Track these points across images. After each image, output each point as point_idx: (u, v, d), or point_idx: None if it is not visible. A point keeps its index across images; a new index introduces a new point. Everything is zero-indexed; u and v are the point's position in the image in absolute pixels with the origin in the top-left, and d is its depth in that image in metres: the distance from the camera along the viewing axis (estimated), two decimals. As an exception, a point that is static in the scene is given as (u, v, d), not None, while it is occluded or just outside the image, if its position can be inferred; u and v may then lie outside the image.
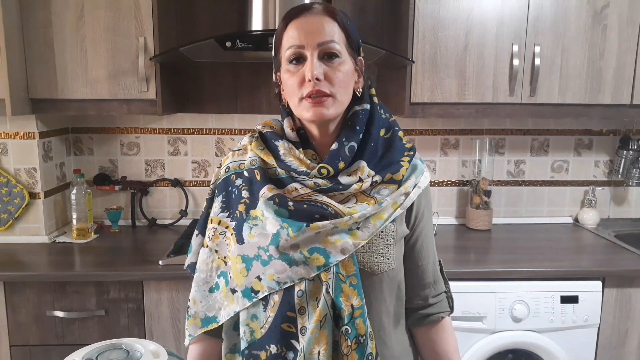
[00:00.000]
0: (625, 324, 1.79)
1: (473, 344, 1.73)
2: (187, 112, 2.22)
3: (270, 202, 0.92)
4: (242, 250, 0.94)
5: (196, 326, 1.01)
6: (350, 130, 0.95)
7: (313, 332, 0.88)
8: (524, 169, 2.36)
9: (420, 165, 1.01)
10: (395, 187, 0.96)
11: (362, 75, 0.99)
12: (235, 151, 1.05)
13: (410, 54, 1.86)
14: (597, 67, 1.91)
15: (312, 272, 0.90)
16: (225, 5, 2.12)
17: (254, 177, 0.98)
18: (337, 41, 0.92)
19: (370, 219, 0.93)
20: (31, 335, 1.70)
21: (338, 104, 0.93)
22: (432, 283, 1.05)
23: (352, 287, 0.90)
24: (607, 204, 2.42)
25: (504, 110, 1.94)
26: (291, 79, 0.93)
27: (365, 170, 0.94)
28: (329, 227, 0.90)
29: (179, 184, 2.27)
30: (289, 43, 0.92)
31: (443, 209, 2.34)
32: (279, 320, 0.91)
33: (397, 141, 1.00)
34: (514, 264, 1.79)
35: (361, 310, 0.90)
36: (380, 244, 0.95)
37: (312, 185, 0.93)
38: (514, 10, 1.86)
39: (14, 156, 1.96)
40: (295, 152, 0.96)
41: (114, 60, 1.82)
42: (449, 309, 1.06)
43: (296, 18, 0.93)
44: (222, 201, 1.01)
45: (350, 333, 0.89)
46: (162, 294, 1.71)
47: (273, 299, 0.92)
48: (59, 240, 2.01)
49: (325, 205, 0.92)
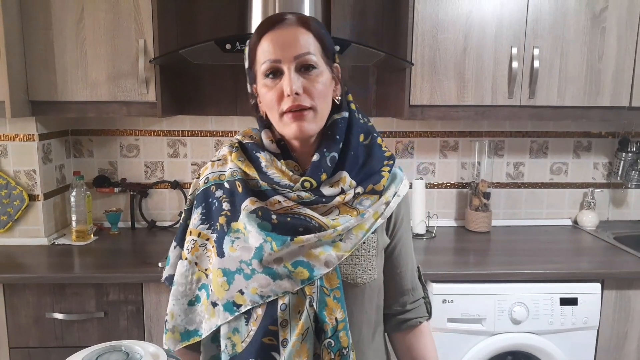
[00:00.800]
0: (624, 326, 1.79)
1: (472, 346, 1.73)
2: (186, 114, 2.22)
3: (253, 215, 0.91)
4: (223, 263, 0.92)
5: (175, 340, 0.99)
6: (331, 140, 0.94)
7: (295, 345, 0.87)
8: (523, 171, 2.37)
9: (400, 174, 1.01)
10: (376, 198, 0.95)
11: (340, 82, 0.97)
12: (214, 161, 1.03)
13: (409, 56, 1.87)
14: (596, 69, 1.92)
15: (297, 286, 0.89)
16: (225, 7, 2.12)
17: (235, 188, 0.96)
18: (313, 52, 0.90)
19: (353, 230, 0.93)
20: (30, 337, 1.70)
21: (319, 117, 0.91)
22: (410, 289, 1.05)
23: (335, 301, 0.89)
24: (606, 206, 2.42)
25: (503, 112, 1.94)
26: (269, 93, 0.90)
27: (347, 180, 0.93)
28: (313, 240, 0.89)
29: (178, 186, 2.27)
30: (264, 57, 0.90)
31: (442, 211, 2.35)
32: (261, 334, 0.90)
33: (377, 149, 0.99)
34: (513, 266, 1.79)
35: (344, 323, 0.89)
36: (362, 256, 0.95)
37: (295, 197, 0.91)
38: (513, 13, 1.86)
39: (13, 158, 1.96)
40: (277, 163, 0.94)
41: (113, 63, 1.82)
42: (427, 314, 1.06)
43: (270, 31, 0.90)
44: (201, 213, 0.99)
45: (334, 346, 0.88)
46: (161, 296, 1.70)
47: (256, 312, 0.91)
48: (58, 242, 2.01)
49: (309, 218, 0.90)
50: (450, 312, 1.71)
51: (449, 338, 1.72)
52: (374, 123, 1.04)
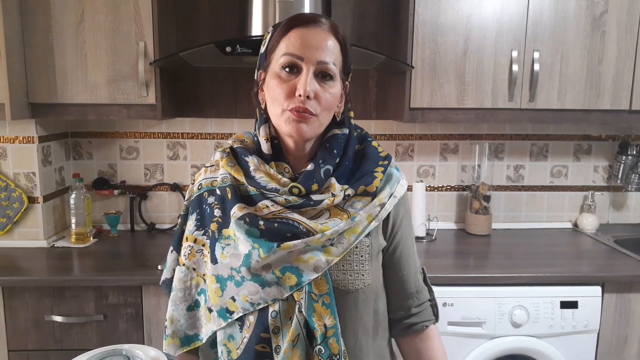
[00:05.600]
0: (624, 329, 1.79)
1: (472, 350, 1.73)
2: (186, 117, 2.22)
3: (241, 222, 0.90)
4: (216, 270, 0.92)
5: (176, 346, 0.99)
6: (328, 154, 0.93)
7: (286, 351, 0.87)
8: (523, 174, 2.37)
9: (396, 174, 0.99)
10: (369, 200, 0.93)
11: (346, 99, 0.97)
12: (208, 167, 1.03)
13: (409, 59, 1.87)
14: (596, 72, 1.92)
15: (285, 293, 0.88)
16: (225, 10, 2.12)
17: (225, 195, 0.95)
18: (335, 63, 0.90)
19: (345, 234, 0.91)
20: (29, 340, 1.69)
21: (319, 125, 0.91)
22: (414, 293, 1.02)
23: (324, 307, 0.88)
24: (606, 209, 2.43)
25: (504, 115, 1.94)
26: (280, 86, 0.89)
27: (336, 187, 0.92)
28: (300, 246, 0.88)
29: (178, 188, 2.27)
30: (287, 49, 0.88)
31: (442, 214, 2.34)
32: (254, 341, 0.90)
33: (371, 150, 0.98)
34: (514, 269, 1.79)
35: (334, 330, 0.88)
36: (354, 261, 0.93)
37: (282, 202, 0.90)
38: (513, 16, 1.87)
39: (13, 160, 1.96)
40: (265, 167, 0.93)
41: (113, 65, 1.82)
42: (433, 318, 1.04)
43: (302, 26, 0.89)
44: (196, 219, 0.99)
45: (324, 353, 0.87)
46: (161, 299, 1.70)
47: (249, 319, 0.90)
48: (57, 244, 2.01)
49: (297, 222, 0.89)
50: (451, 316, 1.71)
51: (449, 341, 1.72)
52: (374, 126, 1.04)
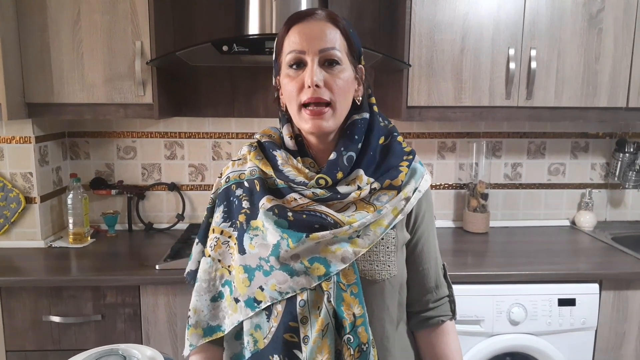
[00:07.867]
0: (622, 326, 1.79)
1: (470, 348, 1.73)
2: (183, 116, 2.22)
3: (269, 213, 0.92)
4: (244, 260, 0.94)
5: (198, 336, 1.00)
6: (349, 140, 0.95)
7: (315, 341, 0.89)
8: (520, 172, 2.37)
9: (420, 169, 1.01)
10: (394, 193, 0.95)
11: (363, 83, 0.99)
12: (235, 161, 1.06)
13: (407, 57, 1.87)
14: (593, 70, 1.92)
15: (314, 282, 0.90)
16: (222, 9, 2.12)
17: (254, 187, 0.98)
18: (339, 48, 0.92)
19: (371, 226, 0.93)
20: (27, 340, 1.69)
21: (337, 114, 0.93)
22: (433, 288, 1.04)
23: (353, 296, 0.90)
24: (603, 206, 2.43)
25: (501, 113, 1.94)
26: (290, 84, 0.92)
27: (363, 178, 0.94)
28: (328, 237, 0.90)
29: (175, 188, 2.26)
30: (290, 47, 0.92)
31: (440, 212, 2.34)
32: (282, 330, 0.91)
33: (396, 145, 1.00)
34: (511, 267, 1.79)
35: (363, 319, 0.90)
36: (380, 252, 0.95)
37: (310, 195, 0.93)
38: (510, 14, 1.87)
39: (10, 161, 1.95)
40: (293, 161, 0.96)
41: (110, 64, 1.81)
42: (450, 313, 1.05)
43: (298, 23, 0.92)
44: (223, 211, 1.02)
45: (353, 342, 0.89)
46: (158, 298, 1.70)
47: (276, 308, 0.92)
48: (55, 244, 2.01)
49: (325, 214, 0.92)
50: (449, 314, 1.71)
51: (447, 339, 1.72)
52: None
